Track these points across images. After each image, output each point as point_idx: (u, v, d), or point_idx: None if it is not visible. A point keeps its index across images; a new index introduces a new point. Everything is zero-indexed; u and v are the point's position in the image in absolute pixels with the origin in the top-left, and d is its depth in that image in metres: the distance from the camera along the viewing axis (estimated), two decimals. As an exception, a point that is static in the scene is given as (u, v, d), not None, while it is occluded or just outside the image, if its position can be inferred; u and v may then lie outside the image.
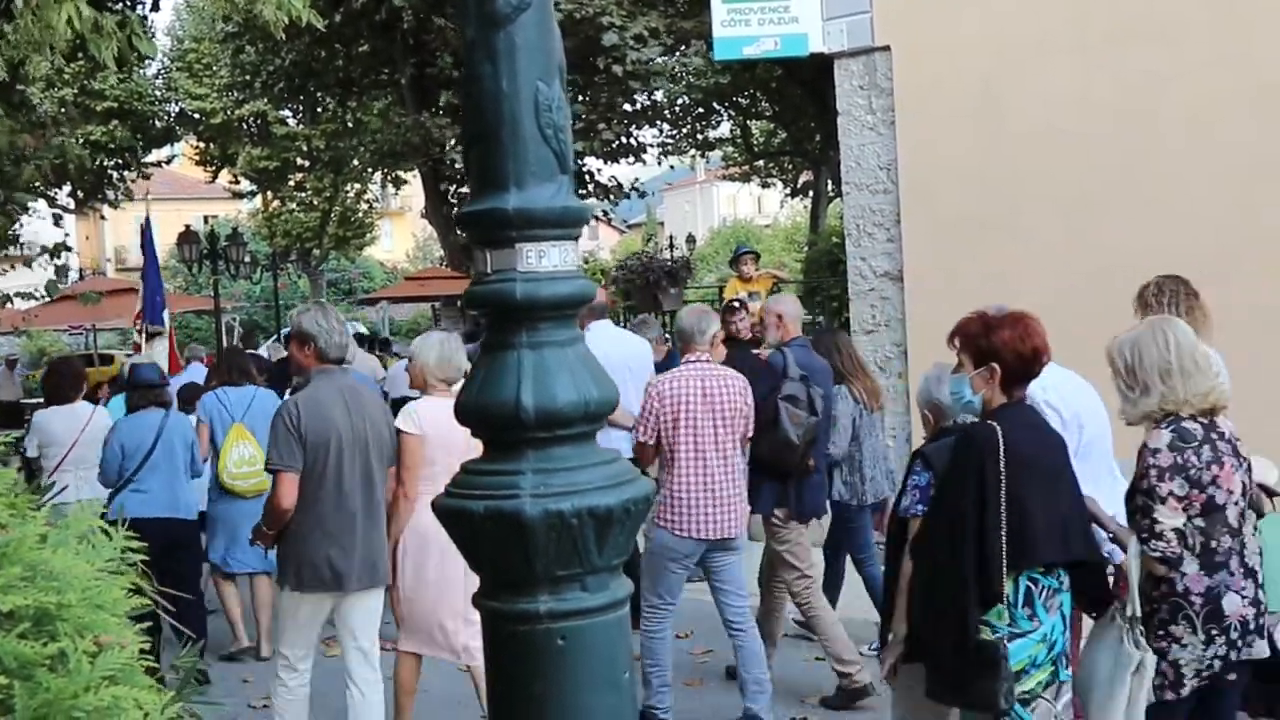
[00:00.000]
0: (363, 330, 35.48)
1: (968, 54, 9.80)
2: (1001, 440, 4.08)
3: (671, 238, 45.00)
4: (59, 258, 17.44)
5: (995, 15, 9.72)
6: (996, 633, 4.06)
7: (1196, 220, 8.87)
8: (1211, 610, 4.14)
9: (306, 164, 37.86)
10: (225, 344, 24.79)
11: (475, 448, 5.55)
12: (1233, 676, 4.25)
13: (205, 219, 49.26)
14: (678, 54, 19.64)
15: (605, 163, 22.31)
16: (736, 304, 11.19)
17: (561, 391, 2.96)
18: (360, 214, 45.49)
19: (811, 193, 33.46)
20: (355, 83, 24.06)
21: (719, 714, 6.93)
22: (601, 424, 3.17)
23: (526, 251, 2.99)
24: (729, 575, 6.63)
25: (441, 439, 5.79)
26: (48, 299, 18.27)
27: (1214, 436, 4.21)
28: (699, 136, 33.38)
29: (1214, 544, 4.14)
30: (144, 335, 12.92)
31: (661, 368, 10.19)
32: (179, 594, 4.07)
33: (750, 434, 6.71)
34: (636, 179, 26.75)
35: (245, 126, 36.46)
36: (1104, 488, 4.96)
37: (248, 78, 25.76)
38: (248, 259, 30.91)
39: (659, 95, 23.52)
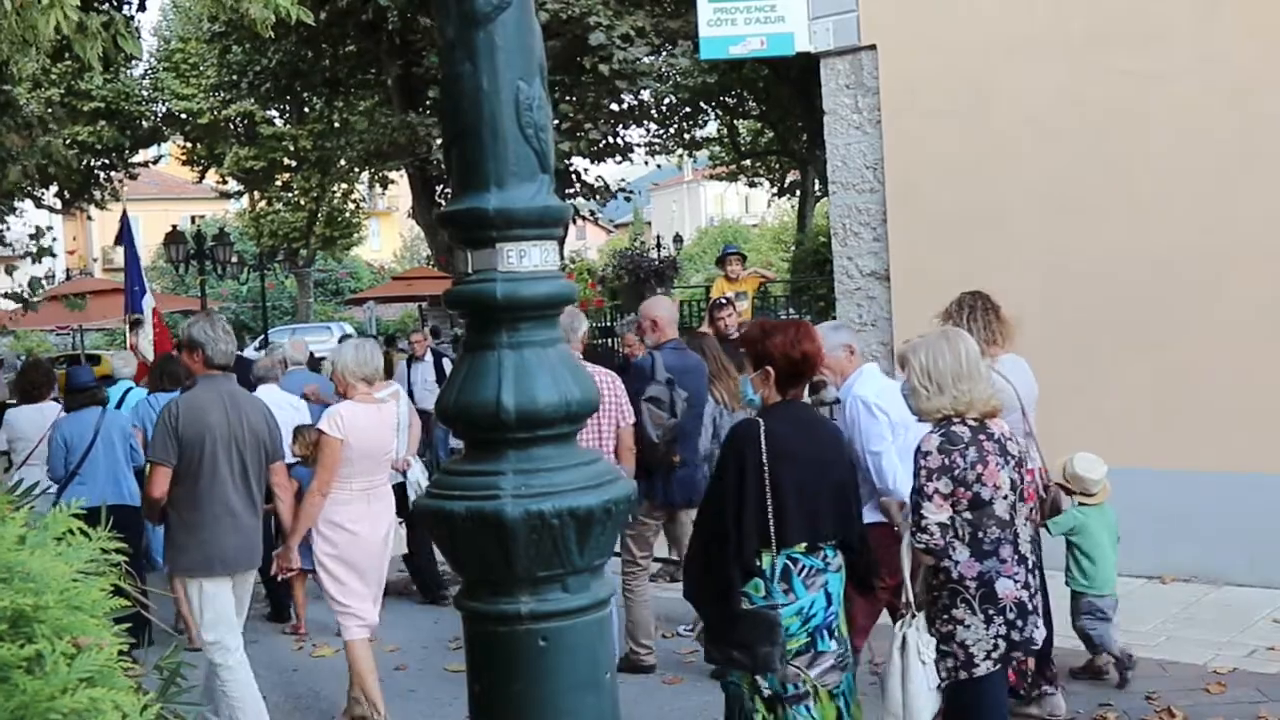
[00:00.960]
0: (350, 331, 35.46)
1: (954, 53, 9.80)
2: (763, 434, 4.55)
3: (659, 237, 45.03)
4: (40, 262, 17.39)
5: (981, 14, 9.72)
6: (753, 603, 4.54)
7: (1180, 219, 8.89)
8: (986, 593, 4.56)
9: (293, 164, 37.76)
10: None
11: (388, 443, 6.38)
12: (1019, 655, 4.72)
13: (192, 219, 49.11)
14: (664, 53, 19.60)
15: (592, 162, 22.28)
16: (724, 301, 11.24)
17: (542, 392, 2.96)
18: (347, 214, 45.42)
19: (798, 192, 33.52)
20: (342, 82, 24.04)
21: (704, 713, 6.93)
22: (583, 424, 3.17)
23: (507, 251, 2.99)
24: None
25: (361, 442, 6.42)
26: (33, 303, 18.21)
27: (982, 438, 4.61)
28: (686, 136, 33.33)
29: (982, 534, 4.55)
30: (129, 325, 13.46)
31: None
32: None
33: (629, 421, 7.28)
34: (623, 179, 26.76)
35: (232, 126, 36.37)
36: None
37: (234, 78, 25.72)
38: (235, 259, 30.82)
39: (646, 95, 23.48)
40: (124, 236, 15.91)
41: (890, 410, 5.71)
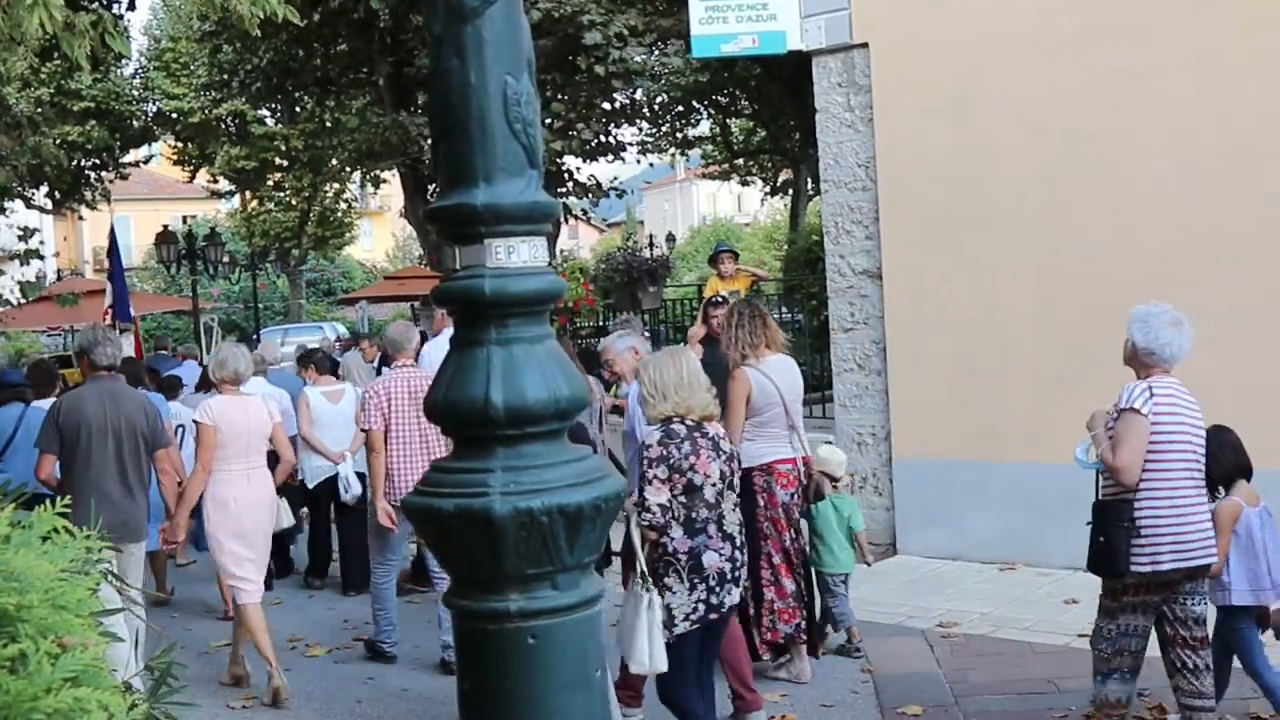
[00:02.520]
0: (343, 331, 35.43)
1: (945, 51, 9.80)
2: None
3: (651, 236, 45.01)
4: (29, 264, 17.39)
5: (972, 12, 9.72)
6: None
7: (1169, 217, 8.89)
8: (694, 565, 5.45)
9: (285, 163, 37.66)
10: (204, 344, 24.65)
11: (262, 432, 7.45)
12: (715, 617, 5.50)
13: (184, 219, 49.16)
14: (656, 52, 19.55)
15: (584, 161, 22.22)
16: (719, 300, 11.24)
17: (531, 389, 2.94)
18: (339, 213, 45.31)
19: (791, 191, 33.48)
20: (333, 82, 23.93)
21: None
22: (572, 421, 3.15)
23: (495, 247, 2.97)
24: None
25: (229, 428, 7.53)
26: (23, 302, 18.21)
27: (697, 435, 5.54)
28: (678, 135, 33.28)
29: (694, 515, 5.46)
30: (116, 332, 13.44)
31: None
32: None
33: None
34: (616, 178, 26.70)
35: (223, 126, 36.27)
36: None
37: (225, 77, 25.58)
38: (226, 259, 30.81)
39: (638, 94, 23.45)
40: (112, 249, 16.88)
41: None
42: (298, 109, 31.27)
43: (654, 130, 32.07)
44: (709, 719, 5.71)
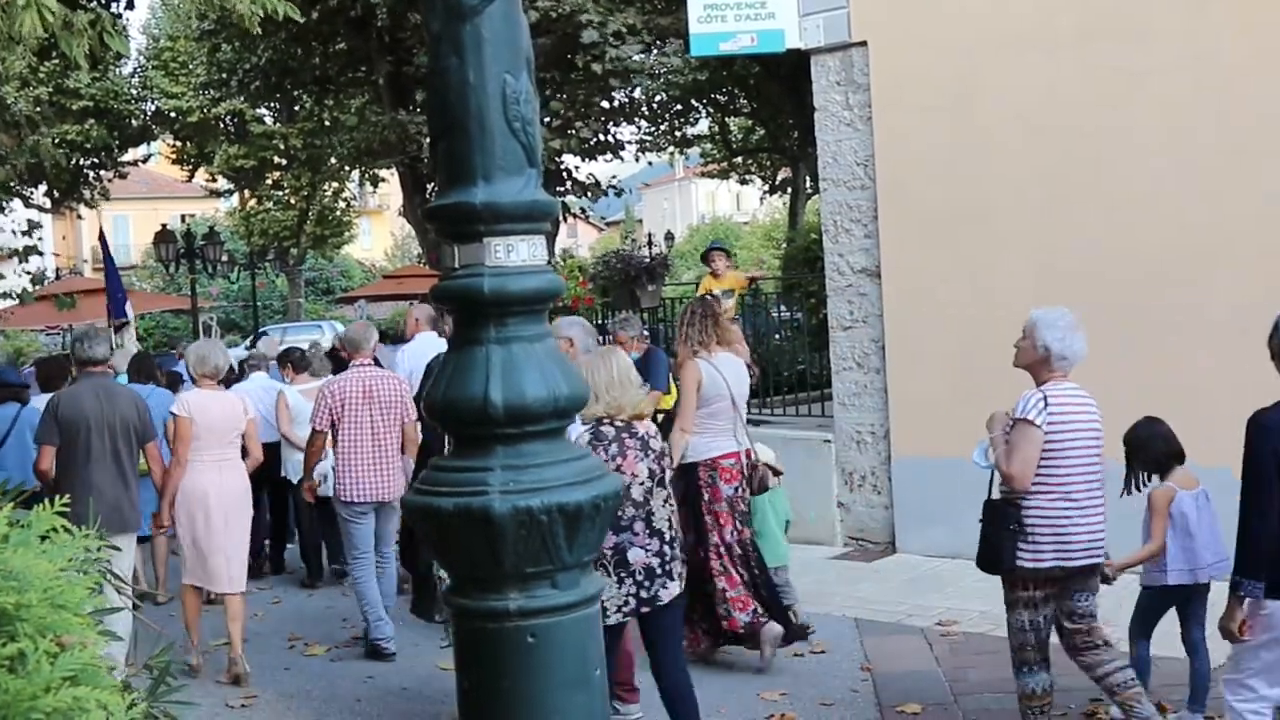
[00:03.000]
0: (341, 329, 35.39)
1: (944, 49, 9.79)
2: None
3: (650, 235, 45.01)
4: (27, 261, 17.42)
5: (971, 11, 9.71)
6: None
7: (1167, 215, 8.88)
8: (619, 560, 5.61)
9: (284, 162, 37.68)
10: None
11: (235, 426, 7.72)
12: (646, 610, 5.69)
13: (182, 218, 49.11)
14: (655, 51, 19.54)
15: (583, 160, 22.21)
16: (710, 299, 11.24)
17: (530, 387, 2.94)
18: (338, 212, 45.32)
19: (789, 189, 33.46)
20: (332, 81, 23.93)
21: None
22: (572, 419, 3.14)
23: (494, 246, 2.96)
24: (386, 532, 8.43)
25: (204, 421, 7.82)
26: (22, 300, 18.26)
27: (625, 436, 5.67)
28: (677, 133, 33.26)
29: (620, 512, 5.41)
30: (114, 330, 14.67)
31: (640, 365, 10.20)
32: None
33: (412, 419, 8.26)
34: (614, 176, 26.67)
35: (222, 125, 36.28)
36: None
37: (224, 76, 25.56)
38: (225, 258, 30.78)
39: (637, 92, 23.44)
40: (104, 252, 17.34)
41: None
42: (296, 108, 31.27)
43: (653, 129, 32.07)
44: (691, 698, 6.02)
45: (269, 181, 39.92)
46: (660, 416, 10.24)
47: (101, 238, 19.07)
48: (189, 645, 7.87)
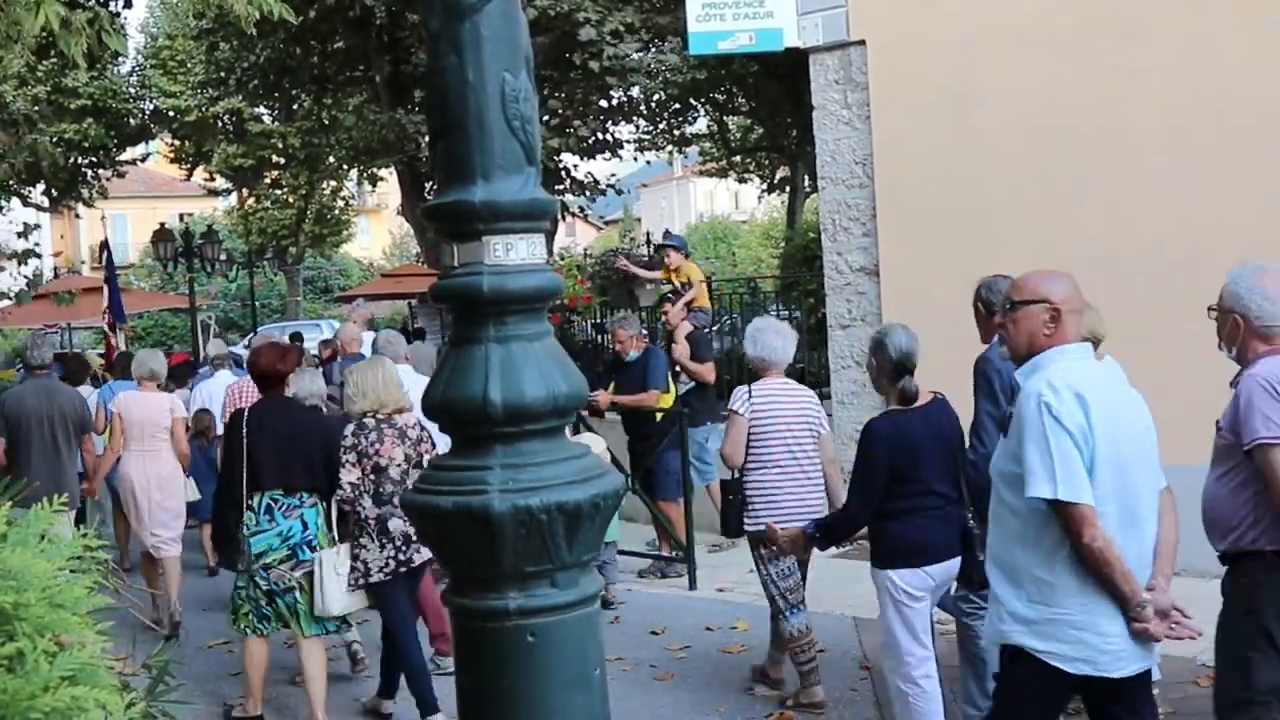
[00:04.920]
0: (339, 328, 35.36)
1: (942, 48, 9.79)
2: (245, 418, 6.95)
3: (649, 233, 44.95)
4: (26, 264, 17.39)
5: (969, 9, 9.72)
6: (246, 529, 6.77)
7: (1166, 214, 8.89)
8: (381, 528, 6.71)
9: (282, 161, 37.63)
10: (201, 342, 24.65)
11: (160, 422, 9.21)
12: (404, 570, 6.79)
13: (180, 217, 49.07)
14: (653, 49, 19.53)
15: (581, 159, 22.19)
16: (670, 297, 11.58)
17: (530, 386, 2.93)
18: (336, 211, 45.28)
19: (788, 188, 33.42)
20: (330, 79, 23.89)
21: (696, 709, 6.92)
22: (571, 417, 3.14)
23: (494, 244, 2.96)
24: None
25: (135, 418, 9.23)
26: (19, 301, 18.26)
27: (384, 426, 6.81)
28: (676, 132, 33.19)
29: (381, 489, 6.73)
30: (115, 331, 16.39)
31: (639, 363, 10.22)
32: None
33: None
34: (613, 175, 26.63)
35: (220, 124, 36.21)
36: None
37: (222, 75, 25.52)
38: (223, 257, 30.76)
39: (635, 91, 23.41)
40: (106, 258, 18.24)
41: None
42: (295, 107, 31.21)
43: (651, 127, 32.01)
44: (416, 645, 6.99)
45: (267, 180, 39.88)
46: (659, 416, 10.29)
47: (104, 245, 19.88)
48: (154, 604, 9.00)
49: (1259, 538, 4.42)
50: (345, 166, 34.40)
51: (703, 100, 30.52)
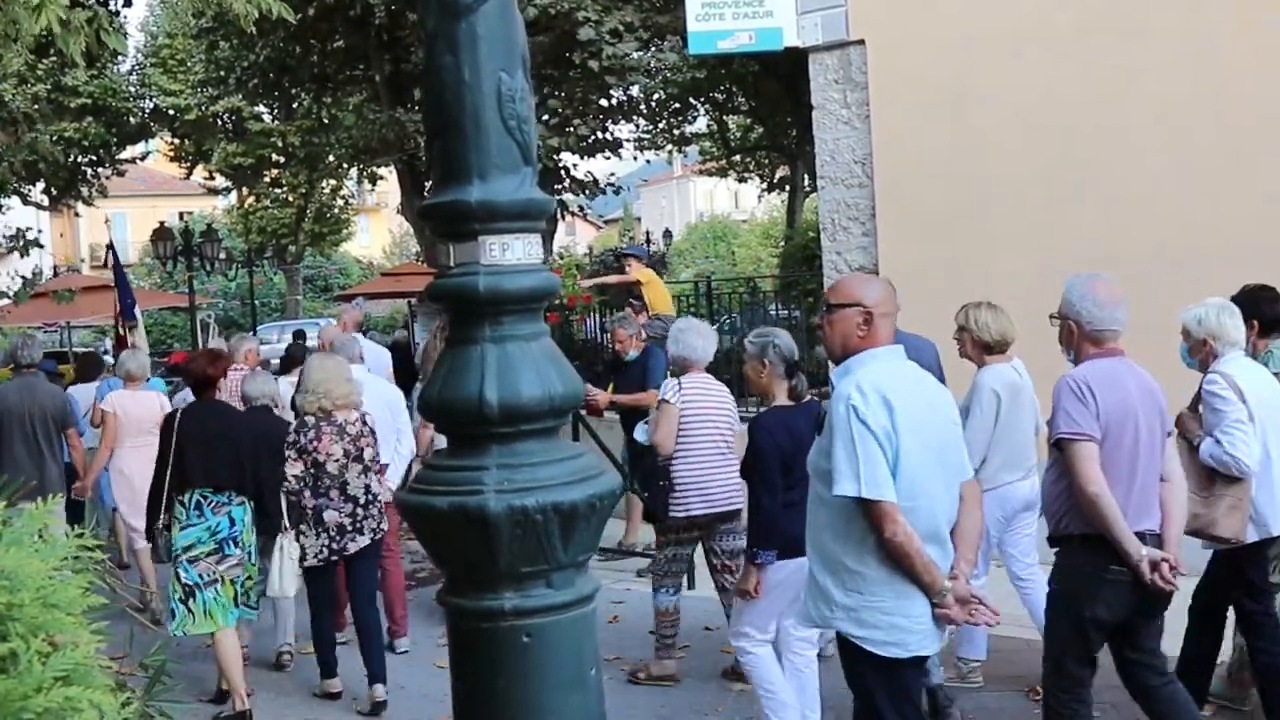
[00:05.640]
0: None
1: (942, 48, 9.79)
2: (177, 420, 7.45)
3: (648, 233, 44.98)
4: (27, 254, 17.39)
5: (969, 9, 9.71)
6: (177, 524, 7.19)
7: (1166, 214, 8.89)
8: (318, 518, 7.25)
9: (282, 160, 37.63)
10: (201, 341, 24.65)
11: (152, 419, 9.15)
12: (336, 558, 7.33)
13: (180, 215, 49.06)
14: (653, 49, 19.52)
15: (581, 158, 22.18)
16: (634, 303, 11.77)
17: (526, 386, 2.92)
18: (336, 210, 45.34)
19: (788, 187, 33.42)
20: (330, 79, 23.86)
21: (694, 709, 6.92)
22: (567, 418, 3.13)
23: (490, 244, 2.95)
24: None
25: (126, 415, 9.68)
26: (18, 302, 18.26)
27: (323, 424, 7.29)
28: (675, 132, 33.19)
29: (319, 483, 7.25)
30: (127, 330, 16.38)
31: (639, 363, 10.22)
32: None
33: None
34: (612, 174, 26.63)
35: (220, 123, 36.23)
36: None
37: (222, 74, 25.48)
38: (223, 255, 30.75)
39: (635, 90, 23.39)
40: (114, 259, 18.03)
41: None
42: (295, 105, 31.19)
43: (651, 127, 32.01)
44: (330, 624, 7.66)
45: (267, 179, 39.90)
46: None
47: (110, 246, 20.10)
48: (152, 594, 9.47)
49: (1070, 523, 4.96)
50: (345, 165, 34.38)
51: (702, 99, 30.52)
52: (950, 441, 4.43)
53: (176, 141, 37.83)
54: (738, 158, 37.07)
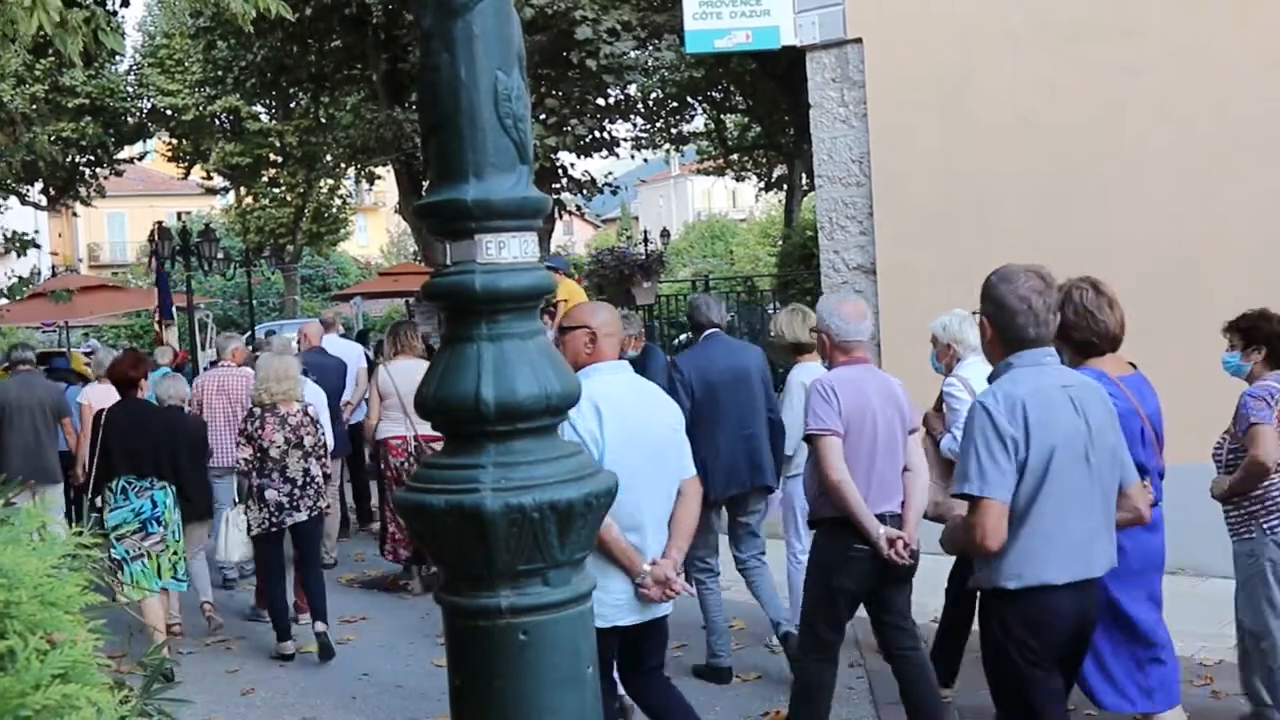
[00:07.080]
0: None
1: (939, 46, 9.79)
2: (105, 416, 8.41)
3: (646, 232, 44.93)
4: (25, 254, 17.37)
5: (966, 7, 9.71)
6: (108, 506, 8.12)
7: (1163, 212, 8.89)
8: (259, 496, 8.20)
9: (279, 160, 37.58)
10: (198, 340, 24.61)
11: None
12: (275, 530, 8.27)
13: (178, 215, 48.97)
14: (650, 47, 19.50)
15: (578, 157, 22.16)
16: (551, 310, 11.90)
17: (522, 384, 2.93)
18: (334, 209, 45.23)
19: (785, 186, 33.41)
20: (327, 78, 23.83)
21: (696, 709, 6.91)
22: (564, 417, 3.13)
23: (486, 243, 2.95)
24: None
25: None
26: (13, 299, 18.25)
27: (268, 415, 8.28)
28: (673, 130, 33.11)
29: (264, 465, 8.20)
30: (164, 328, 18.32)
31: (638, 363, 10.20)
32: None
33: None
34: (610, 173, 26.64)
35: (218, 122, 36.18)
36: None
37: (220, 73, 25.44)
38: (221, 255, 30.69)
39: (632, 89, 23.36)
40: (157, 261, 20.21)
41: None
42: (292, 105, 31.16)
43: (648, 126, 31.96)
44: (281, 591, 8.49)
45: (265, 179, 39.83)
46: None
47: (154, 251, 21.75)
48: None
49: (821, 508, 5.65)
50: (343, 165, 34.31)
51: (700, 98, 30.49)
52: (666, 443, 5.02)
53: (174, 141, 37.78)
54: (735, 157, 37.03)
